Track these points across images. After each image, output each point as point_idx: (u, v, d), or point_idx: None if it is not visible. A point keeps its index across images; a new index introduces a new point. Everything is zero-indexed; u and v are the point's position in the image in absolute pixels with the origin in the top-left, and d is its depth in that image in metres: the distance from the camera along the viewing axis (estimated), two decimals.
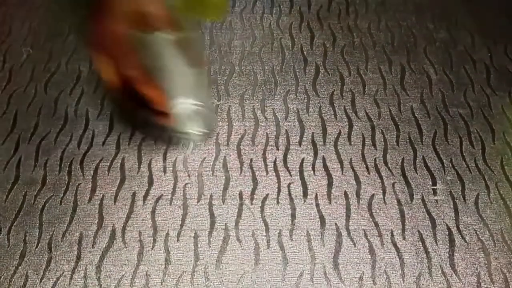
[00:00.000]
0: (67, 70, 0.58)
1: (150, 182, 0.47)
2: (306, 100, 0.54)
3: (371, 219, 0.44)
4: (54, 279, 0.41)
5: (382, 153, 0.50)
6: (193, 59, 0.38)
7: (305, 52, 0.60)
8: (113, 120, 0.53)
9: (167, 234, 0.43)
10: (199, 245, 0.43)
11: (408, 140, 0.51)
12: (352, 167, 0.48)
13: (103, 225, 0.44)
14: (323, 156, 0.49)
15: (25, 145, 0.50)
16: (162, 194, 0.46)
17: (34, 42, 0.62)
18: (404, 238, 0.43)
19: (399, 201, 0.46)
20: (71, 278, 0.41)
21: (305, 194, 0.46)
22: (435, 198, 0.46)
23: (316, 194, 0.46)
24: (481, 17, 0.66)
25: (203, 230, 0.44)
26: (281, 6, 0.66)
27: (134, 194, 0.46)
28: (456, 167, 0.48)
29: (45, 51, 0.61)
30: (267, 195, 0.46)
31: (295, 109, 0.53)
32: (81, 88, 0.56)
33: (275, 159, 0.49)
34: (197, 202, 0.46)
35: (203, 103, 0.43)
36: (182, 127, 0.44)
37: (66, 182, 0.47)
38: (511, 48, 0.61)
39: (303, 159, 0.49)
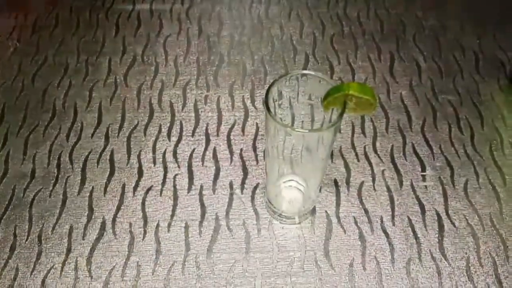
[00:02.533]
0: (54, 62, 0.58)
1: (140, 174, 0.47)
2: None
3: (361, 206, 0.45)
4: (45, 272, 0.40)
5: (371, 141, 0.50)
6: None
7: (294, 41, 0.60)
8: (101, 112, 0.52)
9: (158, 224, 0.43)
10: (190, 235, 0.43)
11: (397, 127, 0.51)
12: (341, 155, 0.48)
13: (93, 217, 0.44)
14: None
15: (13, 138, 0.50)
16: (152, 185, 0.46)
17: (21, 35, 0.61)
18: (393, 224, 0.43)
19: (388, 188, 0.46)
20: (61, 271, 0.40)
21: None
22: (424, 184, 0.46)
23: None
24: (470, 4, 0.66)
25: (194, 220, 0.44)
26: None
27: (123, 186, 0.46)
28: (445, 153, 0.49)
29: (32, 44, 0.60)
30: (257, 184, 0.46)
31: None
32: (69, 81, 0.55)
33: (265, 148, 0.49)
34: (188, 192, 0.46)
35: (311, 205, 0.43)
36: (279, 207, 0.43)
37: (55, 174, 0.47)
38: (500, 35, 0.62)
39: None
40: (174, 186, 0.46)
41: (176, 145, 0.49)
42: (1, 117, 0.52)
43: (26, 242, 0.42)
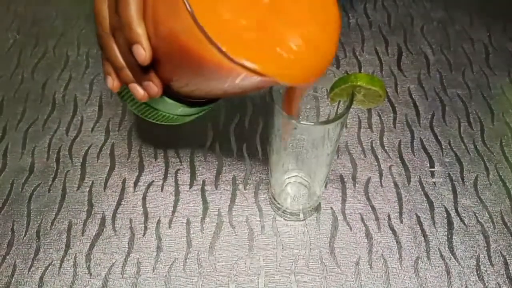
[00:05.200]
0: (54, 55, 0.57)
1: (141, 168, 0.46)
2: None
3: (367, 203, 0.43)
4: (43, 268, 0.39)
5: (378, 136, 0.48)
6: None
7: None
8: (102, 105, 0.51)
9: (159, 221, 0.42)
10: (191, 232, 0.42)
11: (405, 122, 0.50)
12: (348, 150, 0.47)
13: (92, 213, 0.43)
14: None
15: (12, 132, 0.49)
16: (153, 180, 0.45)
17: (21, 27, 0.60)
18: (401, 222, 0.42)
19: (396, 184, 0.45)
20: (60, 267, 0.40)
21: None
22: (433, 180, 0.45)
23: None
24: None
25: (196, 216, 0.43)
26: None
27: (124, 181, 0.45)
28: (454, 149, 0.47)
29: (32, 36, 0.59)
30: (261, 180, 0.45)
31: None
32: (69, 73, 0.54)
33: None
34: (190, 188, 0.45)
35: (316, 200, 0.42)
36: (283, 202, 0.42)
37: (55, 169, 0.46)
38: (510, 27, 0.60)
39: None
40: (176, 181, 0.45)
41: (178, 140, 0.48)
42: (0, 110, 0.51)
43: (24, 238, 0.41)
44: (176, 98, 0.36)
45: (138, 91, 0.33)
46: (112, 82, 0.35)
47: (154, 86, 0.33)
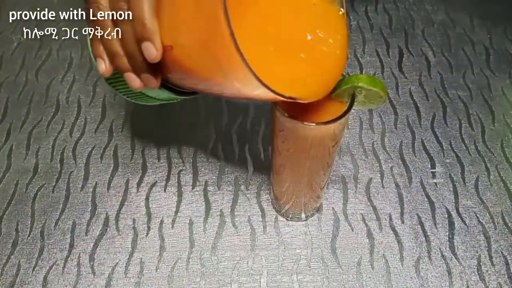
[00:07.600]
0: (58, 57, 0.57)
1: (144, 169, 0.46)
2: None
3: (369, 203, 0.44)
4: (47, 268, 0.40)
5: (380, 137, 0.49)
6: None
7: None
8: (105, 107, 0.52)
9: (162, 221, 0.43)
10: (194, 232, 0.42)
11: (406, 123, 0.50)
12: (349, 151, 0.47)
13: (96, 213, 0.43)
14: None
15: (17, 133, 0.49)
16: (156, 181, 0.45)
17: (25, 29, 0.61)
18: (402, 222, 0.42)
19: (397, 185, 0.45)
20: (64, 267, 0.40)
21: None
22: (434, 181, 0.45)
23: None
24: None
25: (198, 216, 0.43)
26: None
27: (127, 181, 0.45)
28: (455, 150, 0.48)
29: (36, 38, 0.59)
30: (263, 180, 0.45)
31: None
32: (73, 75, 0.55)
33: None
34: (192, 188, 0.45)
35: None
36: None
37: (58, 170, 0.46)
38: (511, 29, 0.60)
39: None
40: (179, 182, 0.45)
41: (181, 141, 0.49)
42: (4, 112, 0.51)
43: (29, 238, 0.42)
44: (168, 87, 0.35)
45: (135, 81, 0.31)
46: (105, 67, 0.31)
47: (154, 80, 0.31)
